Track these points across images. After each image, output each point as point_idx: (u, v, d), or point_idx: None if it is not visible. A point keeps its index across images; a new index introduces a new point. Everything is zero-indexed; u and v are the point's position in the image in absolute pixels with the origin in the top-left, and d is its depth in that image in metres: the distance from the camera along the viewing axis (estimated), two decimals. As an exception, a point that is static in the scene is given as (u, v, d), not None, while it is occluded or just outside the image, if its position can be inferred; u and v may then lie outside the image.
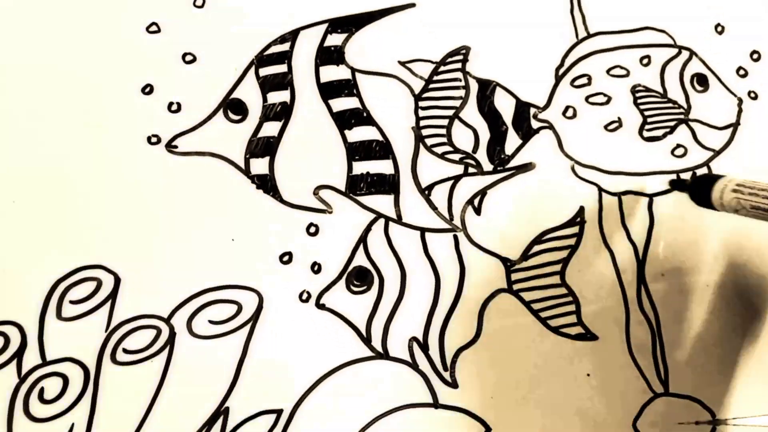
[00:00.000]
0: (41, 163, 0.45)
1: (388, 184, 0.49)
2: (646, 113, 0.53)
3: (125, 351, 0.44)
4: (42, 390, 0.43)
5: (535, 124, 0.52)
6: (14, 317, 0.44)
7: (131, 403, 0.44)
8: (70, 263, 0.45)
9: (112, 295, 0.45)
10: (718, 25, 0.55)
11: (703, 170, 0.50)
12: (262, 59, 0.50)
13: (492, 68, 0.52)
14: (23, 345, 0.44)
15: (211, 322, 0.45)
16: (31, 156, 0.45)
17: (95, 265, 0.45)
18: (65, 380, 0.44)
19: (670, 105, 0.53)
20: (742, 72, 0.54)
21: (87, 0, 0.49)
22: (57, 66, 0.47)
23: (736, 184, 0.39)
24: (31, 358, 0.44)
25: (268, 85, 0.49)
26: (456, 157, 0.50)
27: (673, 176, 0.49)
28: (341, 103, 0.50)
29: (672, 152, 0.52)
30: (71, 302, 0.44)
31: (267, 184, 0.48)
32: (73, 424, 0.43)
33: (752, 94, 0.54)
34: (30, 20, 0.47)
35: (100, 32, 0.48)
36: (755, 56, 0.54)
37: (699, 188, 0.43)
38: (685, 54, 0.54)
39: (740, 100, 0.54)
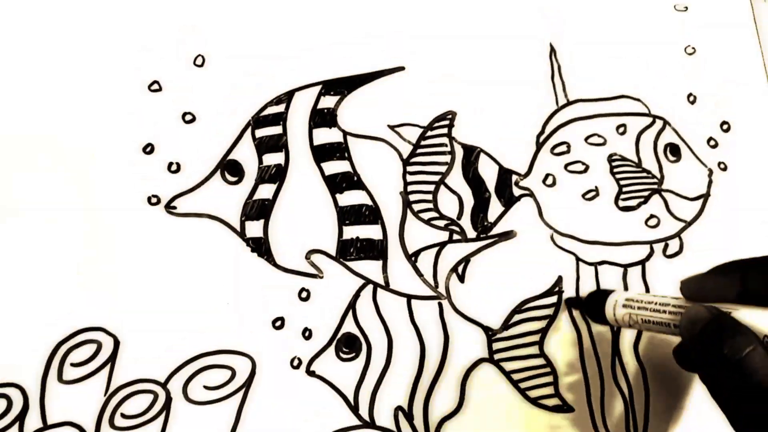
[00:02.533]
0: (42, 224, 0.50)
1: (377, 250, 0.54)
2: (622, 182, 0.59)
3: (123, 416, 0.49)
4: (42, 453, 0.44)
5: (516, 192, 0.58)
6: (17, 379, 0.48)
7: (128, 466, 0.44)
8: (71, 324, 0.50)
9: (112, 358, 0.50)
10: (690, 94, 0.63)
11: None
12: (258, 120, 0.55)
13: (476, 134, 0.59)
14: (25, 407, 0.48)
15: (206, 387, 0.50)
16: (31, 216, 0.50)
17: (95, 327, 0.50)
18: (65, 444, 0.44)
19: (645, 175, 0.60)
20: (712, 143, 0.62)
21: (89, 57, 0.54)
22: (58, 124, 0.52)
23: (625, 299, 0.44)
24: (33, 420, 0.48)
25: (263, 146, 0.55)
26: (441, 223, 0.56)
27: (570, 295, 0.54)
28: (333, 167, 0.56)
29: (646, 222, 0.59)
30: (72, 365, 0.49)
31: (261, 247, 0.53)
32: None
33: (722, 165, 0.61)
34: (31, 78, 0.53)
35: (103, 90, 0.53)
36: (725, 127, 0.63)
37: (591, 305, 0.48)
38: (659, 123, 0.62)
39: (711, 171, 0.61)
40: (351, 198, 0.55)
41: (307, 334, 0.53)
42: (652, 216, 0.59)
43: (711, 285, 0.38)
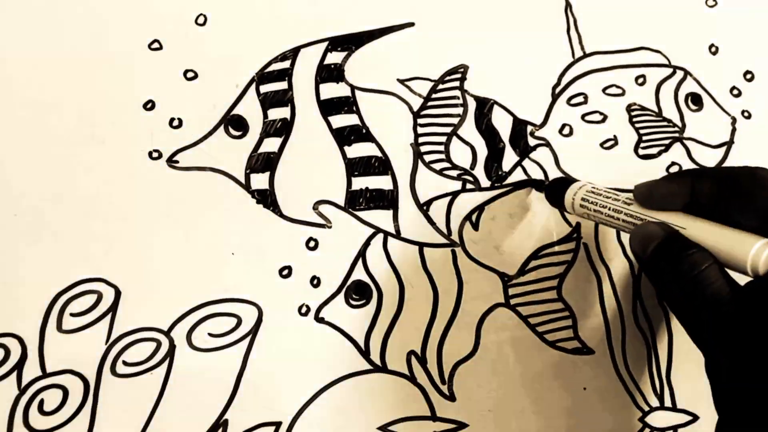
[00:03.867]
0: (43, 177, 0.51)
1: (387, 200, 0.54)
2: (642, 131, 0.58)
3: (125, 363, 0.48)
4: (42, 402, 0.47)
5: (532, 142, 0.57)
6: (15, 329, 0.48)
7: (131, 415, 0.48)
8: (71, 276, 0.49)
9: (113, 308, 0.49)
10: (712, 45, 0.62)
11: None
12: (262, 76, 0.55)
13: (490, 87, 0.58)
14: (23, 357, 0.48)
15: (210, 335, 0.50)
16: (32, 170, 0.51)
17: (96, 278, 0.50)
18: (65, 392, 0.48)
19: (665, 123, 0.59)
20: (735, 92, 0.61)
21: (90, 17, 0.54)
22: (60, 82, 0.53)
23: (582, 197, 0.45)
24: (31, 370, 0.48)
25: (268, 101, 0.55)
26: (454, 173, 0.55)
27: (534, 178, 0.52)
28: (341, 120, 0.55)
29: (667, 170, 0.57)
30: (72, 315, 0.49)
31: (267, 199, 0.53)
32: (73, 436, 0.43)
33: (745, 113, 0.60)
34: (33, 37, 0.53)
35: (103, 49, 0.54)
36: (748, 76, 0.61)
37: (553, 193, 0.49)
38: (679, 74, 0.60)
39: (734, 119, 0.60)
40: (360, 150, 0.55)
41: (315, 282, 0.52)
42: (673, 163, 0.58)
43: (662, 191, 0.40)
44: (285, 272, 0.52)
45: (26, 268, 0.49)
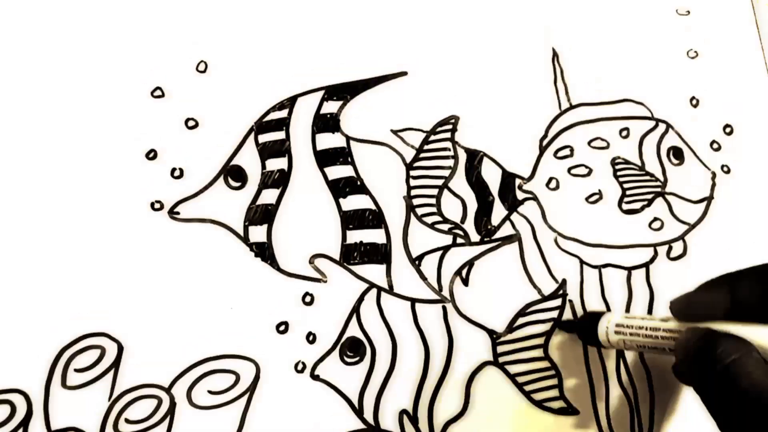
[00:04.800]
0: (46, 230, 0.51)
1: (381, 254, 0.55)
2: (625, 186, 0.60)
3: (127, 421, 0.49)
4: (46, 459, 0.44)
5: (520, 195, 0.59)
6: (20, 385, 0.49)
7: (133, 471, 0.45)
8: (75, 330, 0.50)
9: (116, 364, 0.50)
10: (693, 98, 0.64)
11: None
12: (261, 126, 0.56)
13: (480, 137, 0.60)
14: (29, 414, 0.49)
15: (210, 392, 0.51)
16: (35, 222, 0.51)
17: (99, 332, 0.50)
18: (69, 450, 0.44)
19: (648, 178, 0.60)
20: (715, 146, 0.63)
21: (93, 64, 0.54)
22: (62, 130, 0.53)
23: (616, 325, 0.44)
24: (37, 427, 0.48)
25: (266, 151, 0.56)
26: (445, 227, 0.56)
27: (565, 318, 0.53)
28: (336, 171, 0.56)
29: (649, 225, 0.59)
30: (76, 370, 0.49)
31: (265, 252, 0.54)
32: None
33: (725, 168, 0.62)
34: (35, 84, 0.54)
35: (106, 96, 0.54)
36: (728, 130, 0.63)
37: (584, 331, 0.49)
38: (662, 127, 0.62)
39: (714, 174, 0.62)
40: (354, 202, 0.56)
41: (311, 338, 0.53)
42: (655, 219, 0.59)
43: (700, 301, 0.38)
44: (282, 328, 0.53)
45: (30, 323, 0.49)
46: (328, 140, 0.57)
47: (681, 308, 0.39)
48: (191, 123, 0.56)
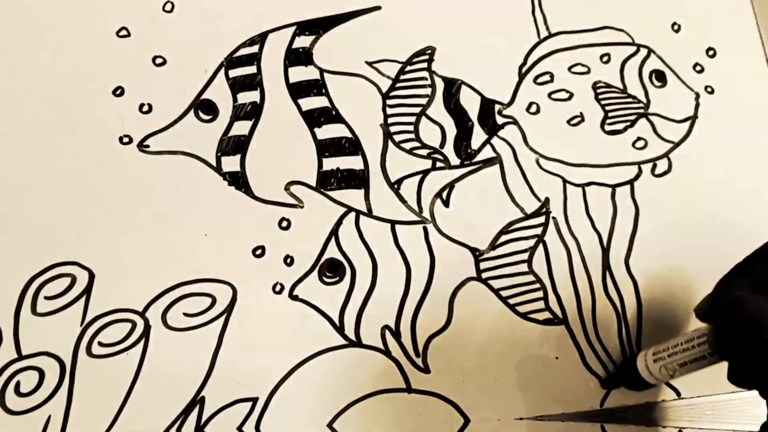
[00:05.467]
0: (16, 164, 0.51)
1: (359, 179, 0.54)
2: (607, 108, 0.59)
3: (101, 344, 0.49)
4: (18, 383, 0.47)
5: (500, 120, 0.58)
6: (-10, 313, 0.44)
7: (107, 394, 0.48)
8: (44, 260, 0.50)
9: (87, 291, 0.50)
10: (675, 23, 0.62)
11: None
12: (231, 61, 0.56)
13: (457, 67, 0.59)
14: (-1, 339, 0.44)
15: (185, 314, 0.50)
16: (4, 157, 0.51)
17: (69, 261, 0.50)
18: (41, 374, 0.48)
19: (630, 100, 0.59)
20: (698, 68, 0.62)
21: (58, 5, 0.54)
22: (29, 70, 0.53)
23: (653, 353, 0.43)
24: (6, 352, 0.48)
25: (238, 85, 0.55)
26: (424, 152, 0.56)
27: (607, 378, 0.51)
28: (310, 102, 0.56)
29: (633, 144, 0.58)
30: (46, 298, 0.49)
31: (239, 180, 0.53)
32: (49, 417, 0.47)
33: (708, 89, 0.61)
34: (4, 26, 0.53)
35: (72, 37, 0.54)
36: (710, 52, 0.62)
37: (627, 376, 0.47)
38: (643, 51, 0.61)
39: (697, 95, 0.61)
40: (330, 131, 0.56)
41: (288, 261, 0.52)
42: (639, 138, 0.58)
43: (723, 293, 0.37)
44: (258, 252, 0.52)
45: (0, 253, 0.48)
46: (301, 73, 0.57)
47: (706, 309, 0.38)
48: (159, 60, 0.55)
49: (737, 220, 0.54)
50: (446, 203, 0.54)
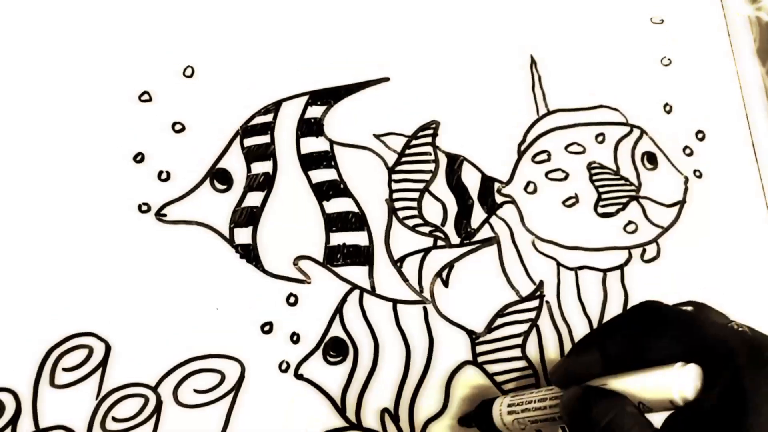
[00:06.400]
0: (35, 231, 0.51)
1: (363, 256, 0.55)
2: (601, 189, 0.60)
3: (114, 419, 0.49)
4: (35, 457, 0.44)
5: (499, 199, 0.59)
6: (9, 384, 0.49)
7: (120, 468, 0.45)
8: (63, 330, 0.50)
9: (103, 363, 0.50)
10: (667, 104, 0.64)
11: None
12: (246, 129, 0.56)
13: (460, 142, 0.60)
14: (18, 412, 0.49)
15: (195, 391, 0.51)
16: (24, 224, 0.51)
17: (87, 332, 0.51)
18: (57, 447, 0.44)
19: (623, 182, 0.61)
20: (688, 151, 0.64)
21: (81, 68, 0.55)
22: (51, 133, 0.54)
23: (507, 405, 0.42)
24: (25, 425, 0.48)
25: (252, 155, 0.56)
26: (426, 229, 0.56)
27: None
28: (320, 175, 0.57)
29: (624, 228, 0.60)
30: (64, 369, 0.49)
31: (250, 253, 0.54)
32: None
33: (697, 173, 0.63)
34: (25, 88, 0.54)
35: (94, 100, 0.54)
36: (700, 136, 0.64)
37: (481, 419, 0.46)
38: (636, 132, 0.63)
39: (686, 179, 0.63)
40: (338, 205, 0.56)
41: (295, 338, 0.53)
42: (630, 222, 0.59)
43: (575, 365, 0.38)
44: (266, 328, 0.53)
45: (20, 323, 0.50)
46: (312, 144, 0.57)
47: (559, 375, 0.39)
48: (178, 127, 0.56)
49: (725, 307, 0.53)
50: (446, 283, 0.55)
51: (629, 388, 0.36)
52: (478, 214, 0.58)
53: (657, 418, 0.35)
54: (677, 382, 0.34)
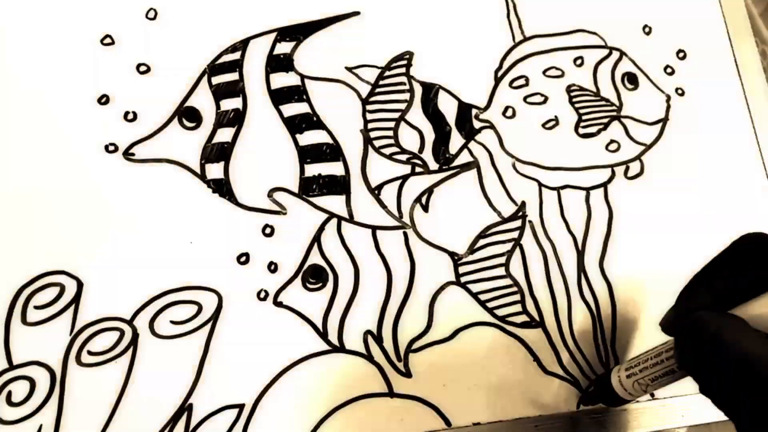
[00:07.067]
0: (2, 172, 0.51)
1: (340, 185, 0.54)
2: (581, 111, 0.59)
3: (90, 353, 0.48)
4: (9, 393, 0.47)
5: (477, 124, 0.58)
6: (-20, 323, 0.44)
7: (97, 402, 0.48)
8: (33, 270, 0.49)
9: (75, 300, 0.49)
10: (646, 26, 0.63)
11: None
12: (214, 68, 0.55)
13: (435, 72, 0.59)
14: (-10, 350, 0.43)
15: (172, 322, 0.50)
16: None
17: (58, 270, 0.50)
18: (32, 383, 0.48)
19: (603, 103, 0.59)
20: (669, 70, 0.62)
21: (42, 14, 0.54)
22: (14, 79, 0.52)
23: (625, 369, 0.42)
24: (-2, 361, 0.43)
25: (220, 92, 0.55)
26: (403, 157, 0.55)
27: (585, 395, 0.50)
28: (292, 109, 0.56)
29: (606, 147, 0.58)
30: (36, 307, 0.48)
31: (222, 188, 0.53)
32: (41, 426, 0.47)
33: (679, 91, 0.61)
34: None
35: (56, 45, 0.53)
36: (681, 55, 0.62)
37: (602, 392, 0.46)
38: (615, 54, 0.61)
39: (668, 97, 0.61)
40: (311, 137, 0.55)
41: (272, 267, 0.52)
42: (612, 141, 0.58)
43: (686, 308, 0.36)
44: (243, 259, 0.52)
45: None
46: (282, 79, 0.56)
47: (670, 322, 0.38)
48: (143, 68, 0.55)
49: (709, 222, 0.57)
50: (425, 208, 0.54)
51: (740, 313, 0.34)
52: (456, 141, 0.57)
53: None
54: None
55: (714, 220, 0.52)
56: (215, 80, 0.55)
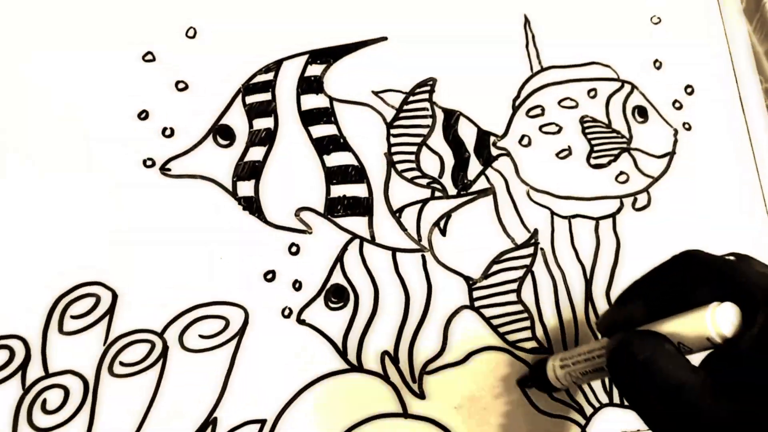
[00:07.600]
0: (43, 185, 0.51)
1: (363, 207, 0.55)
2: (593, 142, 0.60)
3: (122, 364, 0.49)
4: (45, 401, 0.48)
5: (494, 152, 0.59)
6: (19, 331, 0.49)
7: (127, 412, 0.49)
8: (71, 280, 0.50)
9: (110, 311, 0.50)
10: (656, 60, 0.64)
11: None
12: (248, 87, 0.56)
13: (456, 98, 0.60)
14: (27, 358, 0.49)
15: (201, 336, 0.51)
16: (33, 177, 0.52)
17: (95, 281, 0.50)
18: (66, 392, 0.49)
19: (615, 135, 0.60)
20: (677, 105, 0.63)
21: (87, 31, 0.55)
22: (58, 93, 0.54)
23: (560, 359, 0.42)
24: (34, 370, 0.48)
25: (253, 112, 0.56)
26: (424, 181, 0.56)
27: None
28: (320, 130, 0.57)
29: (616, 179, 0.59)
30: (72, 317, 0.49)
31: (252, 205, 0.54)
32: (74, 433, 0.44)
33: (686, 125, 0.62)
34: (29, 48, 0.54)
35: (99, 61, 0.54)
36: (689, 90, 0.63)
37: (537, 378, 0.46)
38: (627, 87, 0.62)
39: (676, 131, 0.62)
40: (338, 159, 0.56)
41: (297, 285, 0.53)
42: (621, 173, 0.59)
43: (620, 314, 0.37)
44: (269, 276, 0.53)
45: (29, 273, 0.50)
46: (312, 101, 0.57)
47: (605, 324, 0.39)
48: (181, 85, 0.56)
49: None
50: (443, 232, 0.55)
51: (669, 329, 0.36)
52: (474, 167, 0.58)
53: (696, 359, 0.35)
54: (713, 319, 0.33)
55: (717, 251, 0.53)
56: (249, 99, 0.56)
